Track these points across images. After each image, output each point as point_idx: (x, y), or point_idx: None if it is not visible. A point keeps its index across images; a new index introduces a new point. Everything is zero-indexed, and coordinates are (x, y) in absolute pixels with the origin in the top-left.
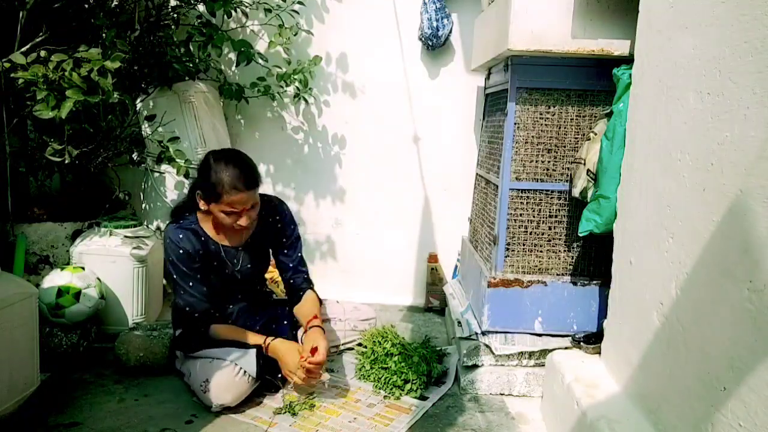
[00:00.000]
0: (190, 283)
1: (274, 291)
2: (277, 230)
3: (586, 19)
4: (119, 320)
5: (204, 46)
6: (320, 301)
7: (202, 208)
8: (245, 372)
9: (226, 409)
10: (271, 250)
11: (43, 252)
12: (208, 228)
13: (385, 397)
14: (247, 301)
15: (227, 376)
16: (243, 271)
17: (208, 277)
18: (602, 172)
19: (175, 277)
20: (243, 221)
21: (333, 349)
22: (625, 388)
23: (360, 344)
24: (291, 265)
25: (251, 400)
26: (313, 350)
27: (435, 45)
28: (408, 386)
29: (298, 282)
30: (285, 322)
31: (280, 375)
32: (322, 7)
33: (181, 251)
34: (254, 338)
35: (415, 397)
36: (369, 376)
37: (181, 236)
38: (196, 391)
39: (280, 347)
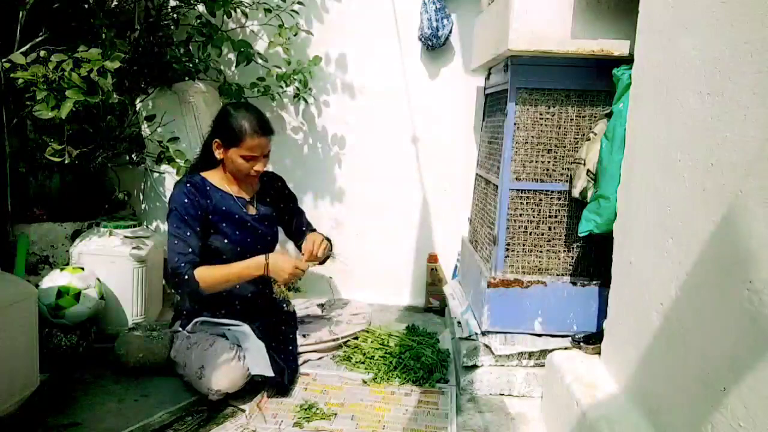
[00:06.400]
0: (188, 233)
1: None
2: (284, 195)
3: (586, 19)
4: (119, 320)
5: (204, 47)
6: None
7: (219, 156)
8: (241, 357)
9: (228, 398)
10: (281, 222)
11: (43, 252)
12: (216, 181)
13: (416, 384)
14: (257, 309)
15: (224, 361)
16: (260, 219)
17: (207, 234)
18: (602, 172)
19: (174, 226)
20: (259, 166)
21: (330, 343)
22: (625, 388)
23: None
24: (304, 228)
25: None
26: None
27: (435, 45)
28: (436, 374)
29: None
30: (292, 323)
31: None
32: (322, 7)
33: (186, 199)
34: (251, 267)
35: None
36: (394, 370)
37: (188, 185)
38: (191, 380)
39: (278, 258)
